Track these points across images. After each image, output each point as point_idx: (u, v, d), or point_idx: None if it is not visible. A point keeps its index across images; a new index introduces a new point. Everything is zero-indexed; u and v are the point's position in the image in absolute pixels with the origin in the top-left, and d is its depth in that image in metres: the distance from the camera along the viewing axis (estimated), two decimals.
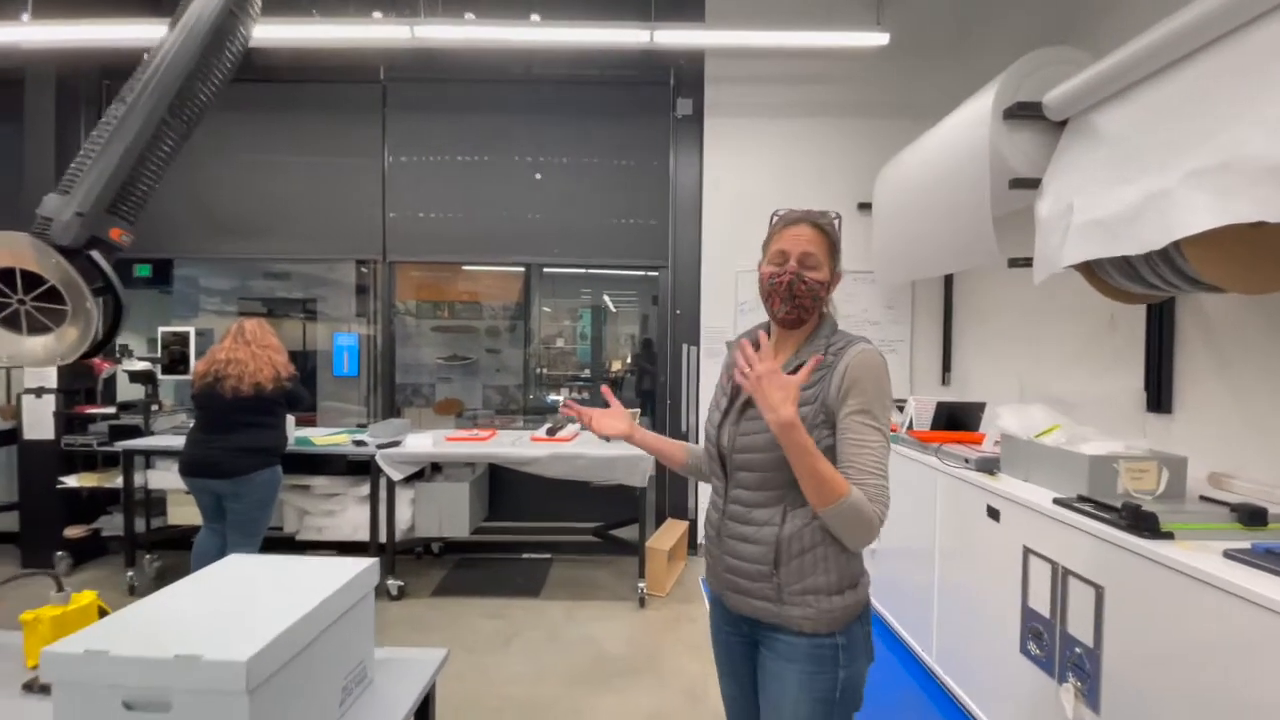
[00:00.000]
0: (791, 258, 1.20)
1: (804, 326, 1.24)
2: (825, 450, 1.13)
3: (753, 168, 3.97)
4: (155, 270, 4.49)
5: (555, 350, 5.83)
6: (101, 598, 3.09)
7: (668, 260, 4.01)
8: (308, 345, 4.98)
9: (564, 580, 3.64)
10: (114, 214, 1.40)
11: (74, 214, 1.32)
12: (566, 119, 4.01)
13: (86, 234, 1.35)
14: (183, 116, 1.49)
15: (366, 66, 3.92)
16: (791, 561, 1.15)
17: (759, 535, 1.18)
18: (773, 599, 1.17)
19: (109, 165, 1.36)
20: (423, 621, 3.10)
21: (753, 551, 1.18)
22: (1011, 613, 2.04)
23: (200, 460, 2.78)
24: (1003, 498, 2.10)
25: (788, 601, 1.16)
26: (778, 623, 1.17)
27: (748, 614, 1.22)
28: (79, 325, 1.31)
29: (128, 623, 0.98)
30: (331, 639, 1.10)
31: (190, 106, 1.51)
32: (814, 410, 1.15)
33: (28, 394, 3.62)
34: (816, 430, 1.14)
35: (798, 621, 1.15)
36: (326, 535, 3.47)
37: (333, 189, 4.03)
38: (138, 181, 1.44)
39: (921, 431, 2.80)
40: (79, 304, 1.29)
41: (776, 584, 1.15)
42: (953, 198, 2.67)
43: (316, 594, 1.07)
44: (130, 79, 1.45)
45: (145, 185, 1.46)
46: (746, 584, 1.20)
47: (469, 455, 3.37)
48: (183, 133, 1.51)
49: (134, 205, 1.45)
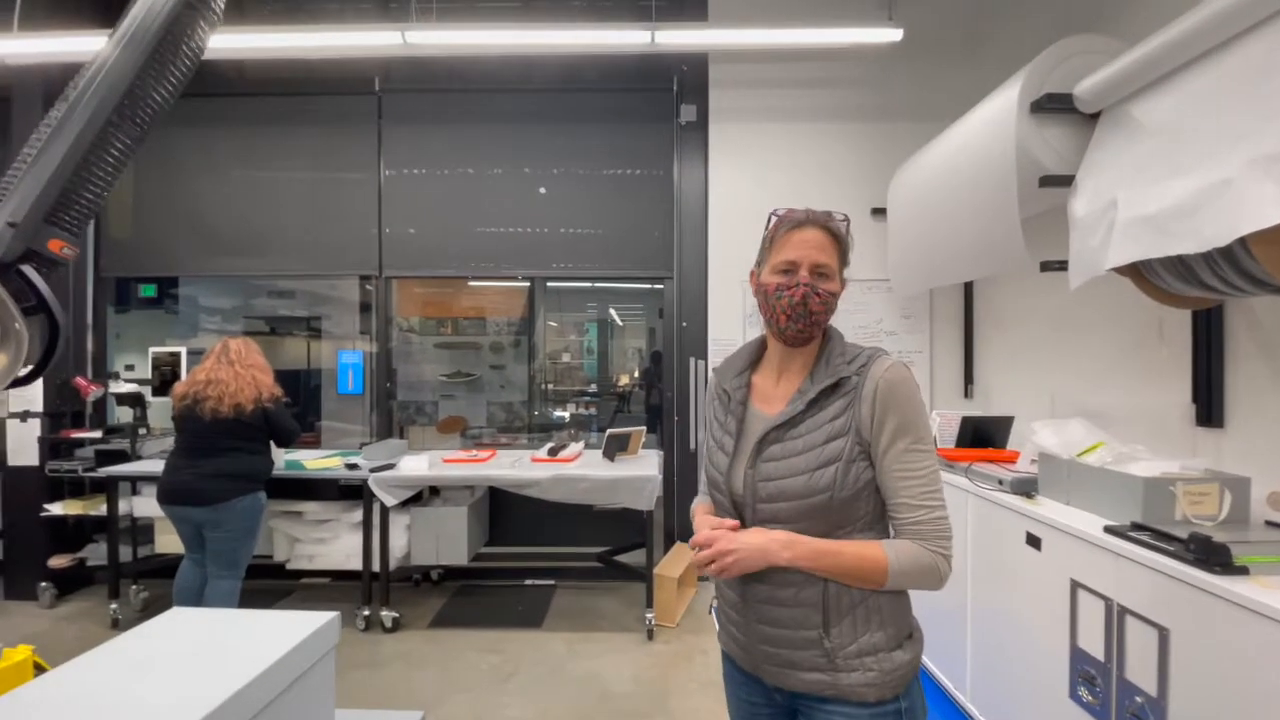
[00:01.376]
0: (803, 267, 1.05)
1: (811, 344, 1.08)
2: (865, 485, 0.99)
3: (760, 174, 3.82)
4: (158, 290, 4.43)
5: (561, 365, 5.70)
6: (85, 630, 2.92)
7: (673, 271, 3.85)
8: (312, 363, 4.91)
9: (568, 609, 3.44)
10: (53, 224, 1.26)
11: (5, 224, 1.19)
12: (567, 128, 3.89)
13: (20, 246, 1.20)
14: (134, 119, 1.35)
15: (362, 78, 3.82)
16: (843, 620, 0.98)
17: (800, 597, 1.00)
18: (825, 668, 0.99)
19: (47, 170, 1.22)
20: (417, 657, 2.92)
21: (794, 616, 1.00)
22: (1058, 652, 1.83)
23: (178, 487, 2.63)
24: (1045, 524, 1.91)
25: (843, 668, 0.98)
26: (834, 694, 0.99)
27: (800, 690, 1.01)
28: (8, 349, 1.17)
29: (39, 699, 0.82)
30: (283, 708, 0.93)
31: (142, 108, 1.37)
32: (849, 445, 0.99)
33: (12, 418, 3.51)
34: (855, 465, 0.99)
35: (859, 691, 0.97)
36: (318, 564, 3.30)
37: (329, 204, 3.92)
38: (82, 188, 1.29)
39: (947, 449, 2.61)
40: (7, 325, 1.15)
41: (828, 649, 0.98)
42: (975, 199, 2.50)
43: (265, 657, 0.91)
44: (74, 78, 1.32)
45: (91, 193, 1.32)
46: (790, 654, 1.01)
47: (466, 478, 3.21)
48: (135, 136, 1.37)
49: (78, 215, 1.30)
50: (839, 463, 0.98)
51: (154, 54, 1.34)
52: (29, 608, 3.42)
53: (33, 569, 3.46)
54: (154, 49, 1.34)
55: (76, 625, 3.24)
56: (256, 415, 2.70)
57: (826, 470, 0.98)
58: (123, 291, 4.23)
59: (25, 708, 0.79)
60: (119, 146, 1.34)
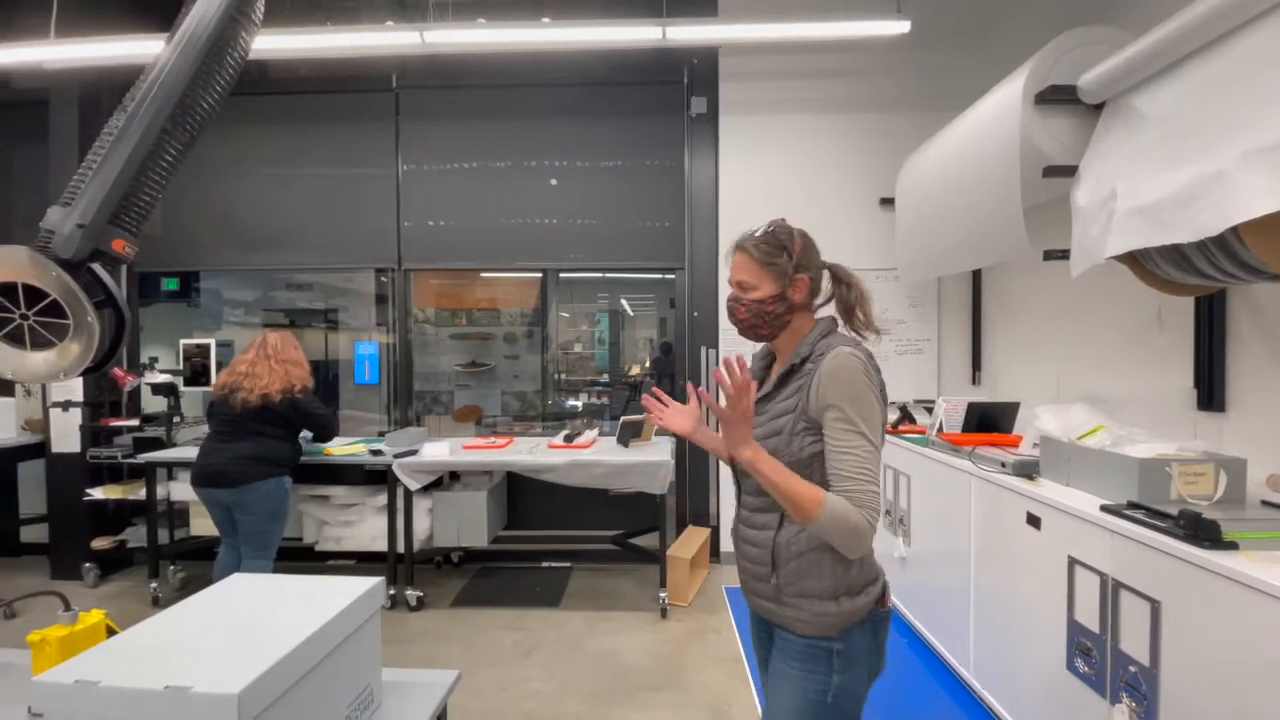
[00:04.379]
0: (733, 285, 1.28)
1: (787, 335, 1.28)
2: (812, 456, 1.16)
3: (769, 165, 3.88)
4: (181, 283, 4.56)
5: (574, 355, 5.78)
6: (126, 609, 3.11)
7: (684, 262, 3.93)
8: (330, 355, 5.04)
9: (584, 590, 3.57)
10: (116, 225, 1.37)
11: (75, 226, 1.30)
12: (580, 122, 3.96)
13: (89, 246, 1.32)
14: (185, 125, 1.46)
15: (380, 75, 3.92)
16: (789, 564, 1.20)
17: (760, 539, 1.24)
18: (772, 599, 1.23)
19: (110, 176, 1.33)
20: (442, 633, 3.06)
21: (755, 554, 1.25)
22: (1056, 626, 1.92)
23: (207, 470, 2.79)
24: (1044, 504, 1.98)
25: (785, 603, 1.21)
26: (778, 622, 1.24)
27: (759, 613, 1.30)
28: (81, 340, 1.28)
29: (122, 649, 0.93)
30: (335, 663, 1.04)
31: (192, 116, 1.47)
32: (794, 419, 1.19)
33: (55, 407, 3.67)
34: (798, 438, 1.17)
35: (793, 623, 1.20)
36: (345, 545, 3.44)
37: (348, 199, 4.03)
38: (140, 192, 1.41)
39: (952, 434, 2.68)
40: (80, 318, 1.26)
41: (775, 585, 1.21)
42: (981, 189, 2.55)
43: (319, 616, 1.02)
44: (131, 89, 1.42)
45: (148, 196, 1.43)
46: (754, 583, 1.27)
47: (485, 463, 3.33)
48: (185, 142, 1.48)
49: (137, 216, 1.42)
50: (782, 435, 1.19)
51: (203, 64, 1.45)
52: (74, 587, 3.60)
53: (78, 550, 3.63)
54: (203, 60, 1.44)
55: (119, 603, 3.41)
56: (285, 405, 2.83)
57: (772, 439, 1.19)
58: (147, 285, 4.37)
59: (109, 658, 0.90)
60: (173, 152, 1.45)
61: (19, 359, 1.25)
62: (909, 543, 2.97)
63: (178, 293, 4.63)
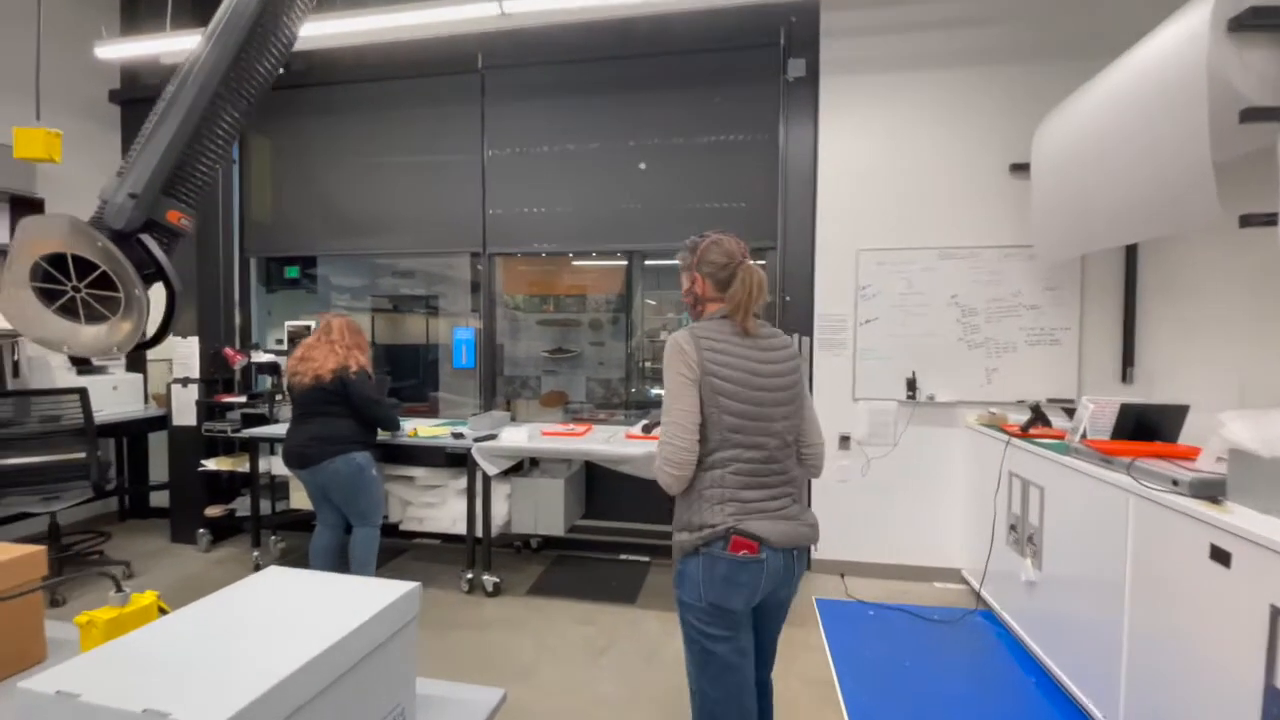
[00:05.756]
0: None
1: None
2: None
3: (876, 133, 3.48)
4: (300, 271, 4.87)
5: (659, 343, 5.61)
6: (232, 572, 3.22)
7: (777, 241, 3.62)
8: (430, 339, 5.20)
9: (662, 588, 3.40)
10: (171, 196, 1.32)
11: (127, 196, 1.26)
12: (667, 95, 3.73)
13: (141, 216, 1.27)
14: (240, 91, 1.39)
15: (465, 56, 3.88)
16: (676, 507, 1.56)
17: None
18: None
19: (161, 144, 1.28)
20: (515, 621, 2.99)
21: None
22: (1248, 689, 1.51)
23: (290, 450, 2.90)
24: (1237, 536, 1.56)
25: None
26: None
27: None
28: (132, 316, 1.24)
29: (120, 656, 0.84)
30: (356, 680, 0.91)
31: (248, 81, 1.40)
32: None
33: (175, 383, 3.96)
34: None
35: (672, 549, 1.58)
36: (428, 526, 3.47)
37: (438, 184, 4.05)
38: (195, 161, 1.35)
39: (1101, 441, 2.24)
40: (129, 290, 1.22)
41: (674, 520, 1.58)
42: (1151, 144, 2.09)
43: (339, 628, 0.89)
44: (187, 57, 1.37)
45: (205, 166, 1.38)
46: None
47: (562, 451, 3.22)
48: (242, 109, 1.42)
49: (193, 187, 1.37)
50: None
51: (256, 27, 1.36)
52: (189, 550, 3.89)
53: (194, 516, 3.92)
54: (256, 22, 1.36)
55: (225, 568, 3.64)
56: (335, 383, 2.85)
57: None
58: (274, 273, 4.70)
59: (101, 666, 0.81)
60: (228, 120, 1.38)
61: (73, 332, 1.23)
62: (1039, 565, 2.55)
63: (296, 280, 4.94)
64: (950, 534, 3.44)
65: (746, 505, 1.44)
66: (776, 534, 1.44)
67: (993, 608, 3.01)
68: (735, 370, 1.46)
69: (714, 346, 1.47)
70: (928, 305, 3.41)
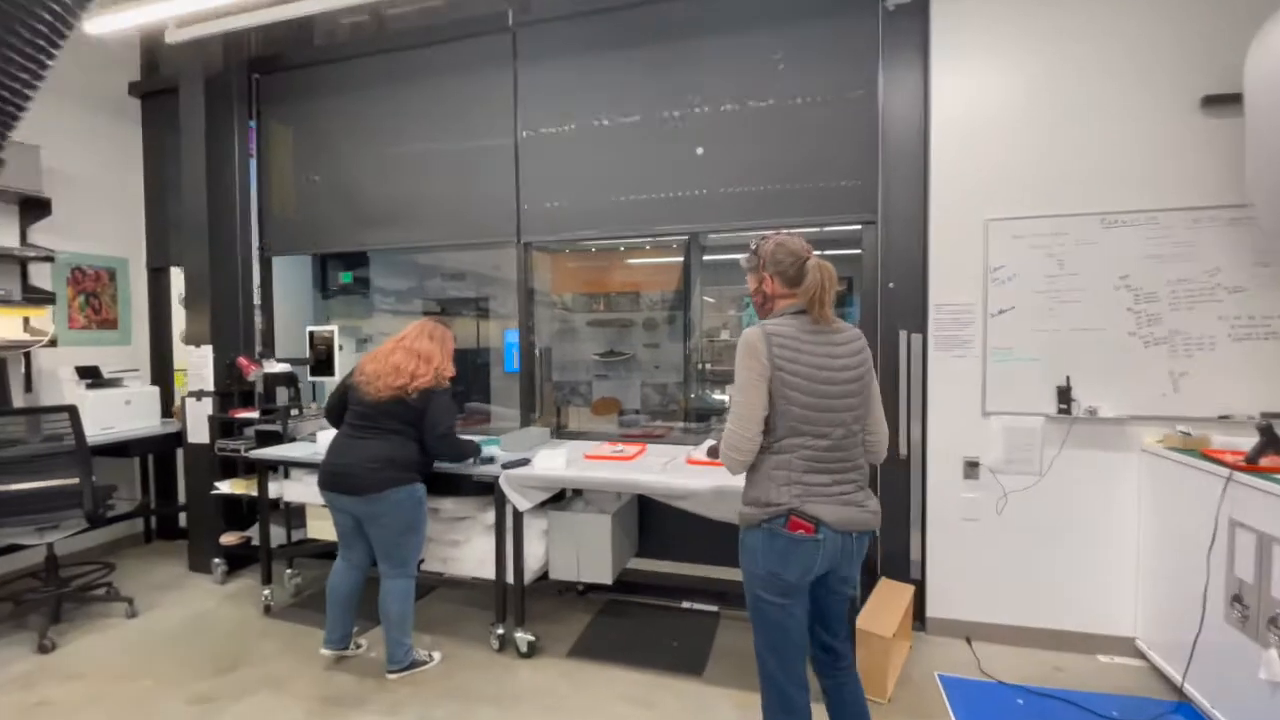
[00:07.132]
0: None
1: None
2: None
3: (1008, 70, 2.68)
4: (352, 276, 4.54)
5: (720, 344, 4.98)
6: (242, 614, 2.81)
7: (876, 214, 2.87)
8: (480, 343, 4.88)
9: (736, 651, 2.71)
10: None
11: None
12: (736, 37, 3.04)
13: None
14: None
15: (495, 12, 3.33)
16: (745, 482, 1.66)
17: None
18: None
19: None
20: (553, 697, 2.39)
21: None
22: None
23: (336, 470, 2.44)
24: None
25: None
26: None
27: None
28: None
29: None
30: None
31: None
32: None
33: (189, 397, 3.60)
34: None
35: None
36: (450, 568, 2.92)
37: (467, 167, 3.51)
38: None
39: None
40: None
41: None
42: None
43: None
44: None
45: None
46: None
47: (608, 482, 2.59)
48: None
49: None
50: None
51: None
52: (204, 582, 3.51)
53: (211, 543, 3.53)
54: None
55: (236, 605, 3.22)
56: (418, 399, 2.45)
57: None
58: (329, 278, 4.46)
59: None
60: None
61: None
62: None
63: (348, 286, 4.62)
64: (1120, 591, 2.61)
65: (810, 489, 1.54)
66: (835, 517, 1.54)
67: (1199, 705, 2.18)
68: (804, 365, 1.55)
69: (784, 343, 1.55)
70: (1086, 289, 2.58)
